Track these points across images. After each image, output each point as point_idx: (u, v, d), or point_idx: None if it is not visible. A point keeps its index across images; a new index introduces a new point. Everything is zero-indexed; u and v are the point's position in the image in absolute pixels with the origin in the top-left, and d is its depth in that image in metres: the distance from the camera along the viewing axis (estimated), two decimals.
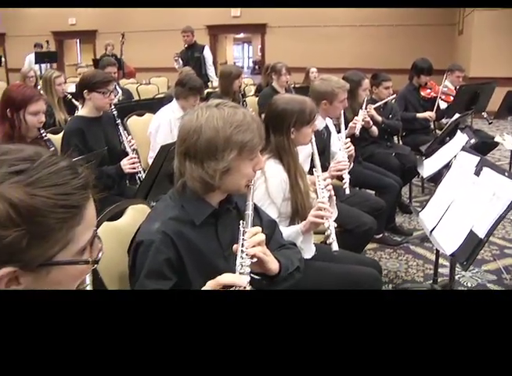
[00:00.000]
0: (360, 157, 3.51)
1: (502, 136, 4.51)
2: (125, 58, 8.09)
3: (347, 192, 2.62)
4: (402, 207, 4.15)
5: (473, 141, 3.14)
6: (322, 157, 2.31)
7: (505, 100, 4.82)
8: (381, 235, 3.47)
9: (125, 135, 2.90)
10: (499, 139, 4.54)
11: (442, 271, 2.99)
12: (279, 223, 1.72)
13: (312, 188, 2.13)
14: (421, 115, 4.57)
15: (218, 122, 1.33)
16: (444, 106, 4.72)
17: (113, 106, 2.86)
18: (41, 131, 2.46)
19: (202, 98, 3.44)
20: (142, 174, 2.76)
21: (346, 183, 2.60)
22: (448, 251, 2.00)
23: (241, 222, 1.33)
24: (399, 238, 3.62)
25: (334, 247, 1.86)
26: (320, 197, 2.00)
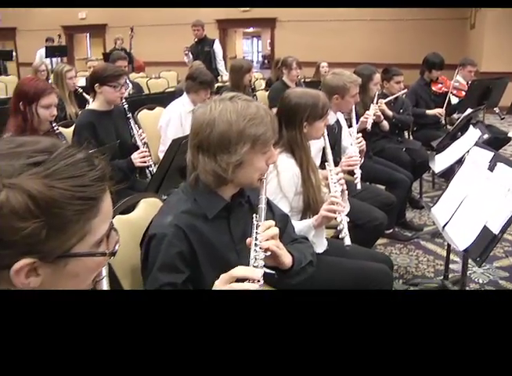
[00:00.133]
0: (371, 152, 3.49)
1: None
2: (134, 52, 8.11)
3: (359, 187, 2.60)
4: (413, 202, 4.13)
5: (486, 136, 3.10)
6: (333, 152, 2.29)
7: None
8: (392, 230, 3.45)
9: (136, 128, 2.90)
10: (511, 135, 4.50)
11: (453, 267, 2.97)
12: (290, 217, 1.72)
13: (324, 182, 2.12)
14: (431, 112, 4.53)
15: (232, 115, 1.32)
16: (455, 101, 4.68)
17: (124, 100, 2.86)
18: (53, 125, 2.48)
19: (212, 92, 3.44)
20: (153, 168, 2.76)
21: (357, 178, 2.58)
22: (461, 247, 1.98)
23: (254, 215, 1.32)
24: (410, 233, 3.61)
25: (347, 241, 1.85)
26: (333, 191, 1.98)
